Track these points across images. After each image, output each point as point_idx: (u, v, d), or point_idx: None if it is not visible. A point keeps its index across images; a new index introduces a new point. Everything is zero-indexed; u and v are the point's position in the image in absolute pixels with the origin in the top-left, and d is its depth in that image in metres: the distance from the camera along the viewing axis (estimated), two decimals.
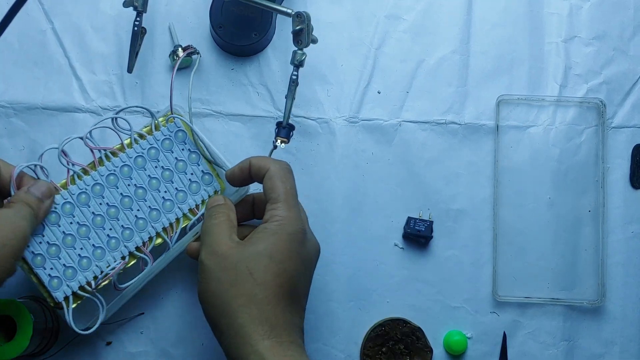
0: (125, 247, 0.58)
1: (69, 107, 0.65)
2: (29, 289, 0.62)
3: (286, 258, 0.52)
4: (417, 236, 0.64)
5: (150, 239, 0.59)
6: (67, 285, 0.56)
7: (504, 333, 0.64)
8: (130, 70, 0.60)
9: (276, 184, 0.54)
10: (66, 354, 0.62)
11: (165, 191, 0.59)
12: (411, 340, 0.63)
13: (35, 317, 0.58)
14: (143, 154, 0.59)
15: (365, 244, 0.65)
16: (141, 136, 0.59)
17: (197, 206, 0.60)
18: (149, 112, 0.59)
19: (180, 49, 0.63)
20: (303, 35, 0.56)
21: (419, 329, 0.63)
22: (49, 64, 0.65)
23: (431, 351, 0.63)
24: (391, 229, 0.65)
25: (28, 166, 0.55)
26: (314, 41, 0.58)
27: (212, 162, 0.60)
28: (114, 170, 0.58)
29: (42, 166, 0.56)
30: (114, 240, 0.58)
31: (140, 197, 0.58)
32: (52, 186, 0.55)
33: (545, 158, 0.66)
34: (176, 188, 0.59)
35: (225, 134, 0.65)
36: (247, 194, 0.61)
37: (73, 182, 0.57)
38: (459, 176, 0.66)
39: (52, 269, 0.56)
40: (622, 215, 0.66)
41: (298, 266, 0.52)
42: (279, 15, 0.60)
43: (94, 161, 0.58)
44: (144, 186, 0.59)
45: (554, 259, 0.65)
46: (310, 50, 0.58)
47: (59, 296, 0.56)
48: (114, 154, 0.58)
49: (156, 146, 0.59)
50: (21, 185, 0.55)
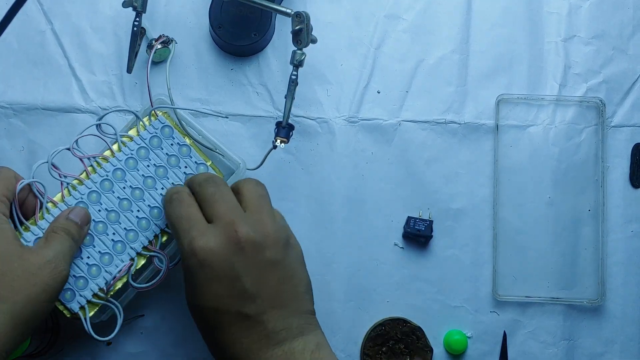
0: (132, 248, 0.58)
1: (69, 108, 0.64)
2: None
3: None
4: (417, 236, 0.64)
5: (156, 236, 0.58)
6: (81, 295, 0.56)
7: (504, 332, 0.64)
8: (129, 70, 0.60)
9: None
10: (66, 354, 0.62)
11: (162, 188, 0.59)
12: (411, 339, 0.63)
13: None
14: (133, 155, 0.59)
15: (365, 243, 0.65)
16: (128, 138, 0.59)
17: None
18: (133, 113, 0.59)
19: (154, 41, 0.62)
20: (302, 35, 0.56)
21: (419, 329, 0.63)
22: (48, 64, 0.65)
23: (431, 351, 0.63)
24: (391, 228, 0.65)
25: (28, 183, 0.55)
26: (314, 41, 0.58)
27: (209, 147, 0.60)
28: (107, 176, 0.58)
29: (38, 182, 0.56)
30: (119, 244, 0.57)
31: (138, 197, 0.58)
32: (87, 211, 0.56)
33: (545, 157, 0.66)
34: (172, 183, 0.59)
35: (224, 134, 0.65)
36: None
37: (68, 193, 0.57)
38: (458, 175, 0.66)
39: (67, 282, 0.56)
40: (622, 214, 0.66)
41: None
42: (278, 15, 0.60)
43: (85, 170, 0.58)
44: (139, 186, 0.59)
45: (554, 258, 0.65)
46: (309, 50, 0.58)
47: (74, 307, 0.56)
48: (104, 159, 0.58)
49: (144, 145, 0.59)
50: (23, 201, 0.55)
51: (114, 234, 0.57)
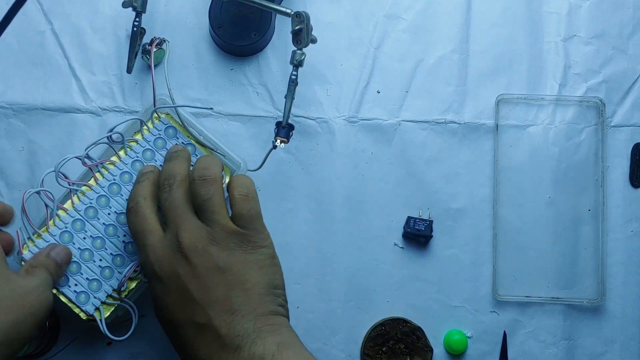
0: None
1: (69, 108, 0.64)
2: None
3: None
4: (417, 235, 0.64)
5: None
6: (95, 297, 0.57)
7: (504, 332, 0.64)
8: (129, 70, 0.60)
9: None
10: (66, 354, 0.62)
11: None
12: (411, 339, 0.63)
13: None
14: (139, 157, 0.59)
15: (365, 243, 0.65)
16: (133, 142, 0.59)
17: None
18: (139, 119, 0.59)
19: (147, 46, 0.62)
20: (302, 35, 0.56)
21: (419, 329, 0.63)
22: (48, 64, 0.65)
23: (431, 351, 0.63)
24: (391, 228, 0.65)
25: (35, 192, 0.56)
26: (313, 41, 0.58)
27: (210, 148, 0.60)
28: (114, 180, 0.58)
29: (47, 190, 0.57)
30: (130, 245, 0.58)
31: None
32: (69, 250, 0.56)
33: (545, 157, 0.66)
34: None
35: (224, 134, 0.65)
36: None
37: (77, 199, 0.58)
38: (458, 175, 0.66)
39: (76, 285, 0.57)
40: (622, 214, 0.66)
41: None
42: (278, 15, 0.60)
43: (92, 176, 0.58)
44: None
45: (554, 258, 0.65)
46: (309, 50, 0.58)
47: (89, 309, 0.57)
48: (110, 164, 0.59)
49: (150, 147, 0.59)
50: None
51: (124, 235, 0.58)
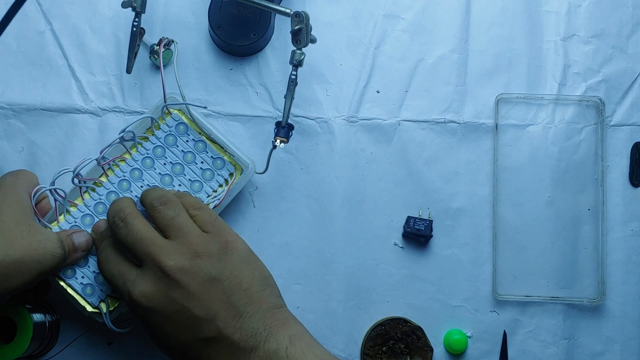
0: None
1: (68, 108, 0.64)
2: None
3: None
4: (417, 235, 0.64)
5: None
6: (101, 290, 0.58)
7: (504, 332, 0.64)
8: (129, 71, 0.60)
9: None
10: (66, 355, 0.62)
11: (180, 184, 0.60)
12: (411, 339, 0.63)
13: (35, 318, 0.58)
14: (149, 154, 0.60)
15: (364, 243, 0.65)
16: (144, 139, 0.60)
17: (215, 191, 0.61)
18: (151, 118, 0.60)
19: (155, 46, 0.63)
20: (302, 35, 0.56)
21: (419, 328, 0.63)
22: (48, 65, 0.65)
23: (431, 350, 0.63)
24: (391, 228, 0.65)
25: (47, 189, 0.57)
26: (313, 41, 0.58)
27: (218, 144, 0.61)
28: (124, 176, 0.59)
29: (59, 188, 0.58)
30: None
31: None
32: (90, 240, 0.57)
33: (545, 156, 0.66)
34: (190, 179, 0.60)
35: (224, 134, 0.65)
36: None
37: (88, 195, 0.59)
38: (458, 175, 0.66)
39: (83, 277, 0.58)
40: (622, 213, 0.66)
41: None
42: (277, 15, 0.60)
43: (103, 173, 0.59)
44: (157, 184, 0.60)
45: (554, 257, 0.65)
46: (309, 50, 0.58)
47: (94, 301, 0.58)
48: (121, 161, 0.60)
49: (160, 144, 0.60)
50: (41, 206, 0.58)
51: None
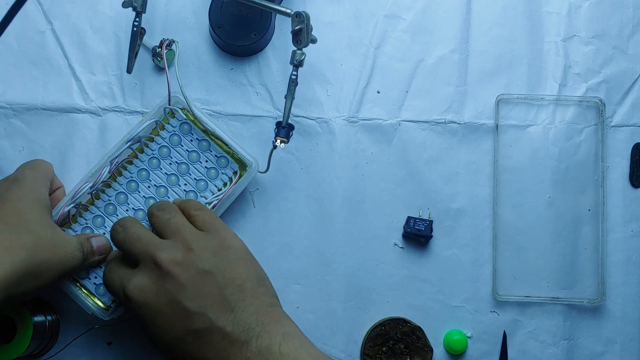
0: None
1: (68, 108, 0.64)
2: None
3: None
4: (417, 235, 0.64)
5: None
6: None
7: (504, 332, 0.64)
8: (129, 70, 0.60)
9: None
10: (66, 355, 0.62)
11: (185, 184, 0.61)
12: (411, 339, 0.63)
13: (35, 318, 0.58)
14: (155, 154, 0.61)
15: (365, 243, 0.65)
16: (150, 139, 0.61)
17: (220, 190, 0.61)
18: (156, 121, 0.61)
19: (157, 48, 0.63)
20: (302, 35, 0.56)
21: (419, 329, 0.63)
22: (48, 64, 0.65)
23: (431, 350, 0.63)
24: (391, 228, 0.65)
25: (71, 206, 0.59)
26: (313, 41, 0.58)
27: (222, 142, 0.61)
28: (132, 177, 0.61)
29: (79, 203, 0.60)
30: None
31: (162, 195, 0.61)
32: (109, 245, 0.59)
33: (545, 157, 0.66)
34: (195, 178, 0.61)
35: (224, 134, 0.65)
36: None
37: (97, 197, 0.60)
38: (458, 175, 0.66)
39: (96, 277, 0.59)
40: (622, 213, 0.66)
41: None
42: (278, 15, 0.60)
43: (112, 174, 0.60)
44: (164, 184, 0.61)
45: (554, 258, 0.65)
46: (309, 50, 0.58)
47: (106, 301, 0.59)
48: (129, 162, 0.61)
49: (166, 144, 0.61)
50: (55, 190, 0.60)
51: None
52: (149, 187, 0.61)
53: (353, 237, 0.65)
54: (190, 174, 0.61)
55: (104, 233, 0.60)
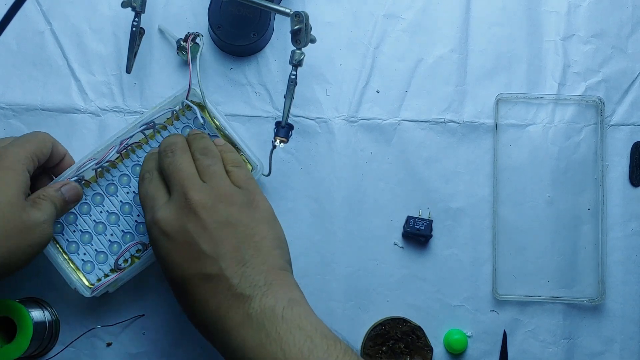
0: None
1: (68, 108, 0.64)
2: (29, 290, 0.62)
3: None
4: (417, 235, 0.64)
5: None
6: (99, 269, 0.60)
7: (504, 331, 0.64)
8: (129, 70, 0.60)
9: None
10: (66, 355, 0.62)
11: None
12: (411, 339, 0.63)
13: (35, 318, 0.58)
14: None
15: (364, 243, 0.65)
16: (163, 127, 0.62)
17: None
18: (172, 110, 0.61)
19: (182, 42, 0.63)
20: (301, 34, 0.56)
21: (419, 328, 0.63)
22: (48, 65, 0.65)
23: (431, 350, 0.63)
24: (391, 228, 0.65)
25: (75, 180, 0.59)
26: (313, 41, 0.58)
27: (232, 142, 0.61)
28: (139, 161, 0.61)
29: (82, 179, 0.60)
30: (141, 226, 0.60)
31: None
32: (80, 190, 0.59)
33: (545, 156, 0.66)
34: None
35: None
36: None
37: (101, 175, 0.61)
38: (458, 175, 0.66)
39: (85, 254, 0.60)
40: (622, 212, 0.66)
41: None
42: (277, 15, 0.60)
43: (120, 156, 0.61)
44: None
45: (554, 257, 0.65)
46: (308, 49, 0.58)
47: (92, 278, 0.60)
48: (138, 146, 0.61)
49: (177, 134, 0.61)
50: (61, 161, 0.60)
51: (137, 215, 0.60)
52: None
53: (353, 237, 0.65)
54: None
55: (101, 212, 0.60)
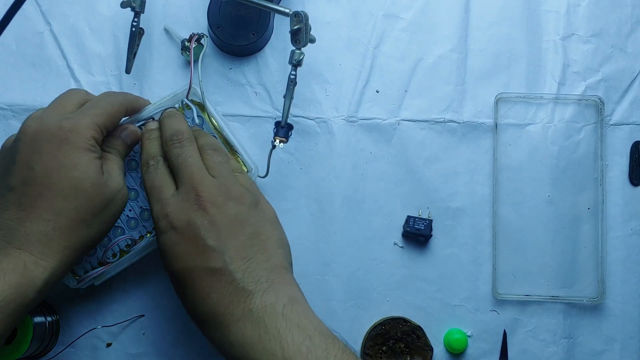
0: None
1: None
2: None
3: None
4: (417, 235, 0.64)
5: None
6: (87, 261, 0.59)
7: (504, 331, 0.64)
8: (128, 71, 0.60)
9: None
10: (66, 356, 0.62)
11: None
12: (411, 339, 0.63)
13: (35, 318, 0.58)
14: None
15: (364, 243, 0.65)
16: None
17: None
18: (174, 107, 0.60)
19: (186, 42, 0.63)
20: (301, 34, 0.56)
21: (419, 328, 0.63)
22: (47, 65, 0.65)
23: (431, 350, 0.63)
24: (390, 227, 0.65)
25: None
26: (312, 41, 0.58)
27: (229, 144, 0.61)
28: (133, 156, 0.60)
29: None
30: (132, 221, 0.60)
31: None
32: (137, 131, 0.58)
33: (544, 156, 0.66)
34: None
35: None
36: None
37: None
38: (457, 174, 0.66)
39: None
40: (621, 212, 0.66)
41: None
42: (276, 15, 0.60)
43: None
44: None
45: (554, 257, 0.65)
46: (308, 49, 0.58)
47: (78, 270, 0.59)
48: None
49: None
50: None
51: (130, 210, 0.60)
52: None
53: (353, 237, 0.65)
54: None
55: None
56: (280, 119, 0.58)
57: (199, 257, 0.50)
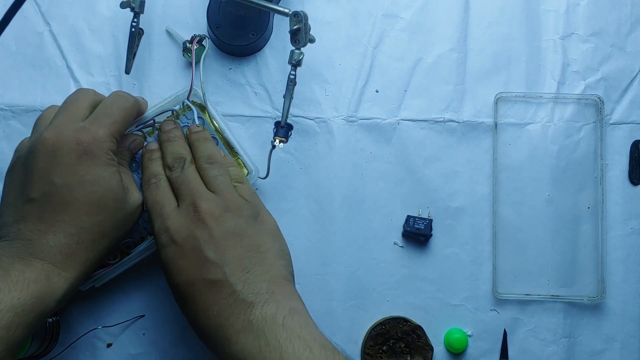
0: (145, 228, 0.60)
1: None
2: None
3: None
4: (417, 234, 0.64)
5: None
6: None
7: (505, 330, 0.64)
8: (128, 71, 0.60)
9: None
10: (66, 356, 0.62)
11: None
12: (412, 338, 0.63)
13: None
14: None
15: (364, 242, 0.65)
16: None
17: None
18: (172, 110, 0.61)
19: (188, 43, 0.63)
20: (300, 34, 0.56)
21: (420, 327, 0.63)
22: (47, 66, 0.65)
23: (432, 349, 0.63)
24: (390, 227, 0.65)
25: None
26: (312, 40, 0.58)
27: (229, 145, 0.61)
28: (136, 157, 0.60)
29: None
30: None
31: None
32: (142, 141, 0.60)
33: (544, 155, 0.66)
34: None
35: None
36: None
37: None
38: (457, 174, 0.66)
39: None
40: (621, 211, 0.66)
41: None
42: (276, 15, 0.60)
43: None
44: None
45: (554, 256, 0.65)
46: (307, 49, 0.58)
47: None
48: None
49: None
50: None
51: None
52: None
53: (353, 237, 0.65)
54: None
55: None
56: (280, 119, 0.58)
57: (199, 270, 0.51)
